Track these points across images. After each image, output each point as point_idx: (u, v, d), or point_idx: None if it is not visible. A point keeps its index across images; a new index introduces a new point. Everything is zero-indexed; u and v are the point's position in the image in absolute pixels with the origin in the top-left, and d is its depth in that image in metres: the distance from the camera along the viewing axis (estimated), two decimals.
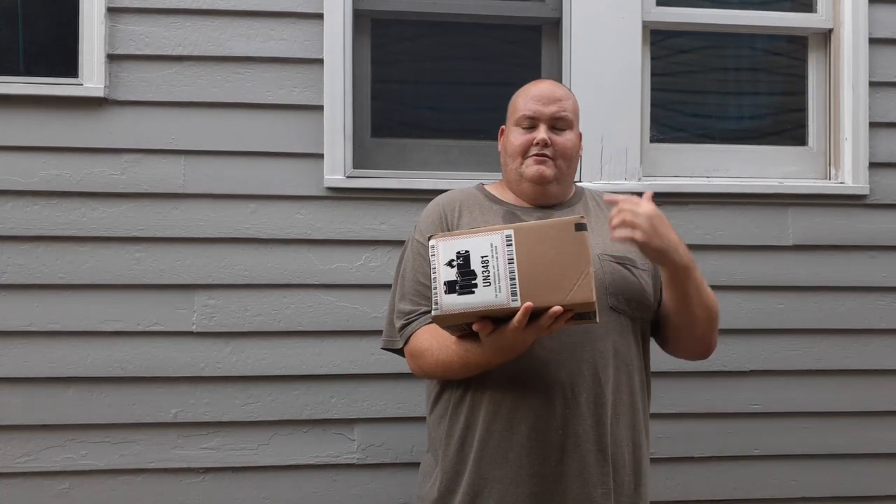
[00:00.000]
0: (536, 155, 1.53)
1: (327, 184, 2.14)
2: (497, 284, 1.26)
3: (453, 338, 1.41)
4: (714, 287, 2.22)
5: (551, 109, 1.55)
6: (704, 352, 1.60)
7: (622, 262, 1.52)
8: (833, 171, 2.38)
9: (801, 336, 2.29)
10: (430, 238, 1.31)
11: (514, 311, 1.25)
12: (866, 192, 2.31)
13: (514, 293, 1.25)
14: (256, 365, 2.13)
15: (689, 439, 2.25)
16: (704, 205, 2.28)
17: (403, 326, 1.54)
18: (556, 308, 1.25)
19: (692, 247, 2.23)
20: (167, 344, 2.10)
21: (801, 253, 2.30)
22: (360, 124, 2.26)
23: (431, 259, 1.29)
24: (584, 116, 2.22)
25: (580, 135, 1.63)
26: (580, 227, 1.27)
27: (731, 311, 2.26)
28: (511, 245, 1.26)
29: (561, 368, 1.43)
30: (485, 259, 1.26)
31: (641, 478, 1.51)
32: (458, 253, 1.27)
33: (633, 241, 1.37)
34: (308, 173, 2.15)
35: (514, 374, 1.43)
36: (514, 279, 1.25)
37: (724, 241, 2.27)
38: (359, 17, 2.25)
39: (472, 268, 1.26)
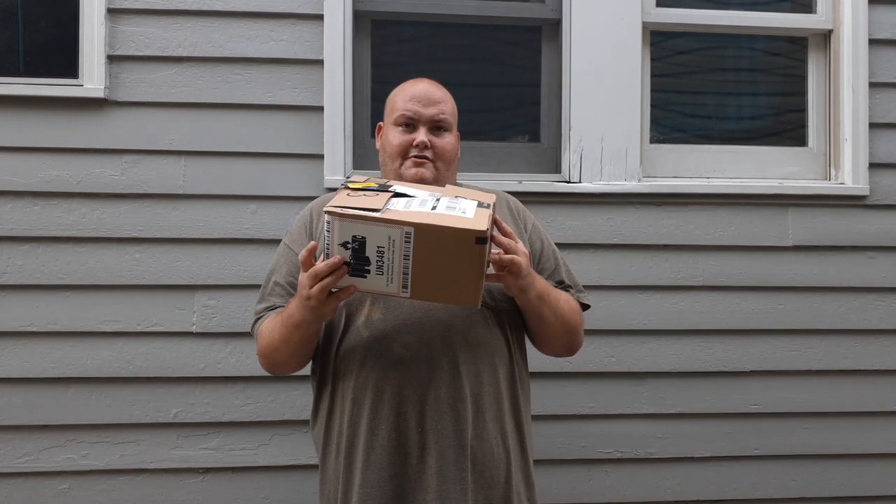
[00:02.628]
0: (415, 157, 1.52)
1: (327, 184, 2.15)
2: (390, 275, 1.24)
3: (281, 311, 1.44)
4: (714, 287, 2.26)
5: (431, 111, 1.53)
6: (569, 353, 1.62)
7: None
8: (833, 172, 2.38)
9: (801, 336, 2.29)
10: (326, 211, 1.24)
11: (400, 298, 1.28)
12: (866, 192, 2.31)
13: (405, 286, 1.25)
14: (256, 365, 2.09)
15: (689, 439, 2.25)
16: (704, 205, 2.28)
17: (254, 323, 1.54)
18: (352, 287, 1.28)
19: (692, 247, 2.26)
20: (167, 344, 2.10)
21: (800, 253, 2.30)
22: (360, 125, 2.26)
23: (326, 235, 1.24)
24: (583, 117, 2.25)
25: (458, 136, 1.62)
26: (480, 240, 1.23)
27: (731, 311, 2.27)
28: (409, 242, 1.23)
29: (419, 365, 1.43)
30: (381, 249, 1.23)
31: (514, 471, 1.49)
32: (355, 237, 1.23)
33: (504, 280, 1.38)
34: (308, 174, 2.16)
35: (374, 374, 1.43)
36: (407, 275, 1.24)
37: (723, 242, 2.27)
38: (359, 17, 2.25)
39: (366, 255, 1.24)
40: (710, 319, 2.26)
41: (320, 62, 2.16)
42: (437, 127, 1.54)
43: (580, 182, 2.23)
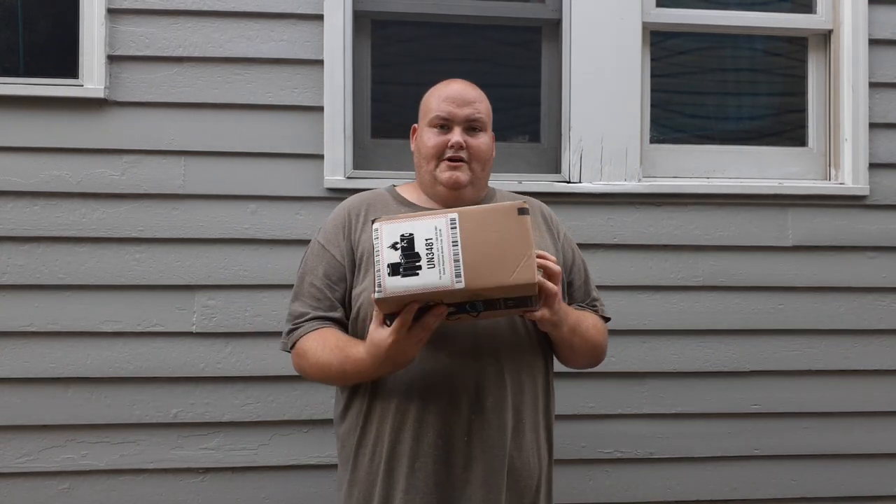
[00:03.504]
0: (450, 158, 1.51)
1: (327, 184, 2.15)
2: (441, 266, 1.24)
3: (338, 341, 1.43)
4: (714, 287, 2.26)
5: (466, 111, 1.51)
6: (593, 366, 1.64)
7: None
8: (833, 172, 2.38)
9: (801, 336, 2.29)
10: (373, 221, 1.28)
11: (457, 294, 1.24)
12: (866, 192, 2.31)
13: (458, 275, 1.24)
14: (256, 365, 2.13)
15: (689, 439, 2.25)
16: (704, 205, 2.28)
17: (291, 330, 1.52)
18: (441, 308, 1.26)
19: (692, 247, 2.26)
20: (167, 344, 2.10)
21: (800, 253, 2.30)
22: (360, 125, 2.26)
23: (375, 242, 1.26)
24: (583, 117, 2.25)
25: (493, 136, 1.60)
26: (522, 211, 1.27)
27: (731, 311, 2.27)
28: (455, 228, 1.25)
29: (467, 373, 1.42)
30: (429, 241, 1.24)
31: (543, 480, 1.50)
32: (402, 236, 1.25)
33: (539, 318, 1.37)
34: (308, 174, 2.16)
35: (420, 380, 1.42)
36: (458, 261, 1.24)
37: (723, 242, 2.27)
38: (359, 18, 2.25)
39: (416, 250, 1.24)
40: (710, 319, 2.26)
41: (320, 62, 2.17)
42: (471, 127, 1.53)
43: (580, 182, 2.23)
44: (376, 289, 1.24)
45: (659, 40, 2.40)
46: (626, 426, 2.24)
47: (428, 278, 1.24)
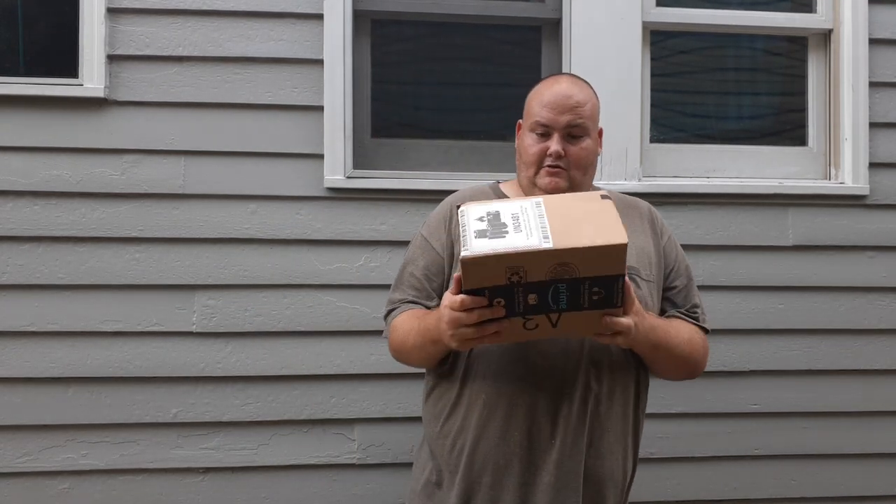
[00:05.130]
0: (549, 167, 1.48)
1: (327, 184, 2.15)
2: (528, 230, 1.21)
3: (421, 312, 1.45)
4: (714, 287, 2.26)
5: (566, 118, 1.47)
6: (689, 379, 1.61)
7: (628, 271, 1.50)
8: (833, 172, 2.38)
9: (801, 336, 2.29)
10: (458, 206, 1.28)
11: (544, 258, 1.18)
12: (866, 192, 2.31)
13: (545, 236, 1.20)
14: (256, 365, 2.13)
15: (689, 439, 2.25)
16: (704, 205, 2.28)
17: (388, 313, 1.57)
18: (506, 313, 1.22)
19: (692, 247, 2.26)
20: (167, 344, 2.10)
21: (801, 253, 2.30)
22: (360, 125, 2.26)
23: (461, 220, 1.25)
24: None
25: (601, 131, 1.57)
26: (605, 197, 1.27)
27: (731, 311, 2.27)
28: (541, 207, 1.25)
29: (557, 376, 1.42)
30: (515, 215, 1.24)
31: (623, 489, 1.50)
32: (488, 212, 1.25)
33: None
34: (308, 174, 2.15)
35: (511, 379, 1.42)
36: (545, 227, 1.21)
37: (724, 242, 2.27)
38: (359, 17, 2.25)
39: (502, 220, 1.24)
40: (710, 319, 2.25)
41: (320, 62, 2.16)
42: (572, 134, 1.49)
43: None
44: (462, 250, 1.20)
45: (659, 40, 2.40)
46: None
47: (515, 240, 1.20)
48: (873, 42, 2.33)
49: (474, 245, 1.19)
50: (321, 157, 2.15)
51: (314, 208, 2.15)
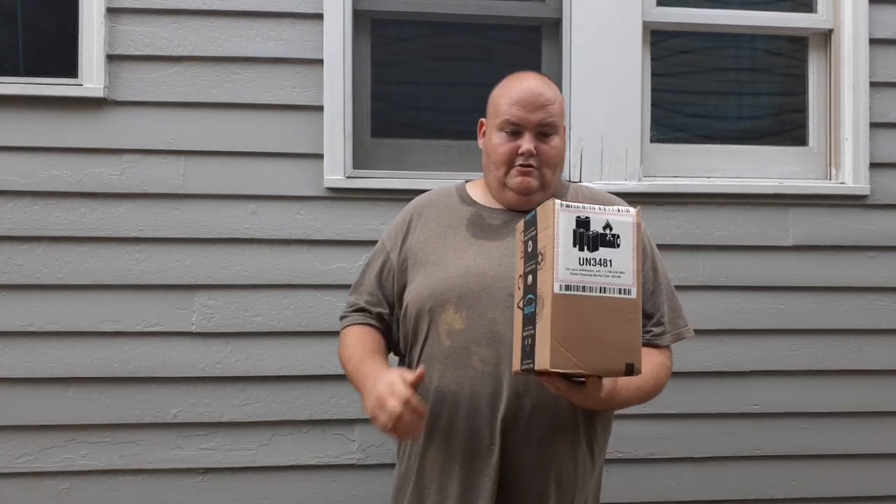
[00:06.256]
0: (521, 166, 1.46)
1: (327, 184, 2.15)
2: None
3: (369, 345, 1.50)
4: (714, 287, 2.26)
5: (538, 116, 1.45)
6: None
7: None
8: (833, 172, 2.38)
9: (801, 336, 2.29)
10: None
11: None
12: (867, 192, 2.31)
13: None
14: (256, 365, 2.13)
15: (689, 439, 2.25)
16: (704, 205, 2.28)
17: (342, 318, 1.60)
18: None
19: (692, 247, 2.26)
20: (167, 344, 2.10)
21: (801, 253, 2.30)
22: (359, 124, 2.26)
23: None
24: (584, 117, 2.24)
25: (564, 128, 1.54)
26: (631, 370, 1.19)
27: (731, 311, 2.27)
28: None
29: (496, 380, 1.40)
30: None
31: (577, 496, 1.47)
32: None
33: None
34: (308, 173, 2.15)
35: (452, 387, 1.41)
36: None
37: (724, 242, 2.27)
38: (359, 17, 2.25)
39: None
40: (710, 319, 2.26)
41: (320, 62, 2.16)
42: (543, 133, 1.47)
43: (581, 182, 2.23)
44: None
45: (659, 40, 2.40)
46: (626, 426, 2.22)
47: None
48: (874, 42, 2.33)
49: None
50: (321, 156, 2.15)
51: (314, 208, 2.15)
